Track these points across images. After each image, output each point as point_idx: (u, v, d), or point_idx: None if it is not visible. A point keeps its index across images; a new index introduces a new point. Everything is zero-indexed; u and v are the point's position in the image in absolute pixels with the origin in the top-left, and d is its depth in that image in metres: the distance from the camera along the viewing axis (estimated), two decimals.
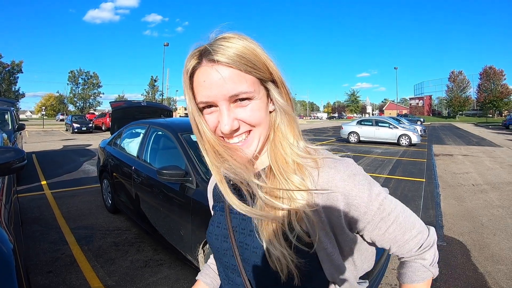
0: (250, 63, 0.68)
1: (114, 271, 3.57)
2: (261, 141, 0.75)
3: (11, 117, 8.86)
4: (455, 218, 5.42)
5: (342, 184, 0.71)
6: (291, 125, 0.77)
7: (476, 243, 4.41)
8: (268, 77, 0.72)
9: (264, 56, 0.71)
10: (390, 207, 0.75)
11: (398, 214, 0.76)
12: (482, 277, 3.53)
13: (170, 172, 3.14)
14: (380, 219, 0.74)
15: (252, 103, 0.71)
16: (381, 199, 0.74)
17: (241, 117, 0.71)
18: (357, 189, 0.71)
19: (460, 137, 24.30)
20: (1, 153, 2.15)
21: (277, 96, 0.75)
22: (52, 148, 15.83)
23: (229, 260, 0.82)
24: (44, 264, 3.70)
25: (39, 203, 6.06)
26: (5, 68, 59.40)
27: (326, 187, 0.71)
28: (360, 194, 0.71)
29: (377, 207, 0.73)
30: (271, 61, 0.72)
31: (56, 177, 8.49)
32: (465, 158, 12.61)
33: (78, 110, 68.61)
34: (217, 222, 0.89)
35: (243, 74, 0.68)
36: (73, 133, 27.54)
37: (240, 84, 0.68)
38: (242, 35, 0.71)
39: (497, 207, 6.03)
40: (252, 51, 0.69)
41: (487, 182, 8.21)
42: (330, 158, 0.76)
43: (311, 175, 0.73)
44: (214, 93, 0.69)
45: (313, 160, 0.75)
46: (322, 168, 0.74)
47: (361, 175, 0.74)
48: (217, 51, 0.67)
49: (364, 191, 0.72)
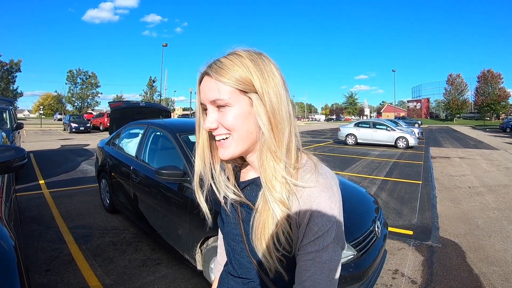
0: (230, 76, 0.80)
1: (112, 270, 3.59)
2: (239, 148, 0.85)
3: (9, 116, 8.85)
4: (451, 220, 5.45)
5: (315, 208, 0.78)
6: (272, 137, 0.82)
7: (472, 244, 4.44)
8: (250, 89, 0.81)
9: (248, 71, 0.80)
10: (324, 255, 0.78)
11: (323, 269, 0.78)
12: (477, 278, 3.56)
13: (169, 172, 3.17)
14: (315, 251, 0.78)
15: (228, 109, 0.82)
16: (327, 244, 0.78)
17: (219, 119, 0.83)
18: (321, 223, 0.77)
19: (457, 140, 24.38)
20: (2, 152, 2.17)
21: (257, 108, 0.81)
22: (50, 147, 15.81)
23: (237, 244, 0.95)
24: (43, 262, 3.71)
25: (37, 202, 6.07)
26: (4, 67, 59.13)
27: (307, 203, 0.78)
28: (319, 227, 0.77)
29: (321, 243, 0.78)
30: (255, 75, 0.80)
31: (54, 177, 8.49)
32: (462, 161, 12.67)
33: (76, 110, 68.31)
34: (227, 210, 1.00)
35: (220, 84, 0.80)
36: (71, 132, 27.48)
37: (218, 92, 0.81)
38: (236, 54, 0.83)
39: (493, 209, 6.07)
40: (235, 67, 0.81)
41: (484, 185, 8.25)
42: (322, 180, 0.81)
43: (292, 198, 0.80)
44: (204, 97, 0.85)
45: (304, 175, 0.82)
46: (308, 188, 0.79)
47: (334, 211, 0.79)
48: (211, 67, 0.83)
49: (324, 227, 0.78)
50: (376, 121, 20.26)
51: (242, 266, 0.94)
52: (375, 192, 7.36)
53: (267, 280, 0.87)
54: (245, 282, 0.94)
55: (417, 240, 4.58)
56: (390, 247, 4.31)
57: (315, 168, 0.83)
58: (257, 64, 0.81)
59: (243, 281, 0.95)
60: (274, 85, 0.82)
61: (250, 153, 0.90)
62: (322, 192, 0.78)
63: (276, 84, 0.82)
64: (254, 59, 0.82)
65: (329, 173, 0.84)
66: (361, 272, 2.49)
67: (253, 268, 0.90)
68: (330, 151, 15.44)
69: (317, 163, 0.85)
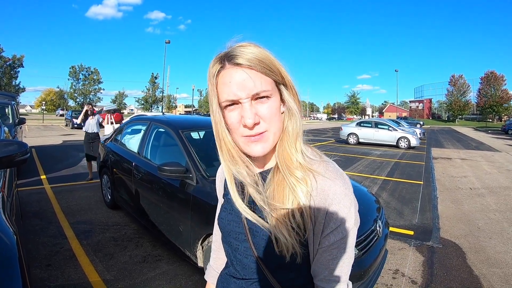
0: (267, 66, 0.78)
1: (113, 265, 3.60)
2: (275, 140, 0.83)
3: (11, 111, 8.86)
4: (451, 221, 5.45)
5: (332, 197, 0.78)
6: (298, 127, 0.85)
7: (472, 246, 4.44)
8: (280, 80, 0.81)
9: (276, 61, 0.80)
10: (348, 240, 0.81)
11: (347, 250, 0.82)
12: (477, 280, 3.56)
13: (171, 169, 3.17)
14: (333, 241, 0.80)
15: (269, 101, 0.79)
16: (349, 230, 0.81)
17: (260, 112, 0.79)
18: (341, 210, 0.79)
19: (459, 141, 24.34)
20: (4, 146, 2.17)
21: (288, 98, 0.83)
22: (51, 143, 15.86)
23: (240, 243, 0.92)
24: (43, 257, 3.72)
25: (39, 197, 6.08)
26: (6, 62, 59.27)
27: (321, 194, 0.79)
28: (339, 215, 0.78)
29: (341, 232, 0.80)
30: (282, 66, 0.81)
31: (55, 172, 8.51)
32: (463, 162, 12.65)
33: (78, 106, 68.47)
34: (229, 209, 0.96)
35: (262, 75, 0.78)
36: (72, 128, 27.47)
37: (261, 83, 0.77)
38: (255, 43, 0.80)
39: (493, 211, 6.07)
40: (267, 56, 0.78)
41: (485, 186, 8.24)
42: (331, 168, 0.83)
43: (310, 178, 0.81)
44: (238, 92, 0.77)
45: (314, 163, 0.83)
46: (321, 176, 0.80)
47: (350, 197, 0.80)
48: (239, 56, 0.77)
49: (344, 214, 0.79)
50: (378, 121, 20.23)
51: (245, 266, 0.91)
52: (377, 192, 7.35)
53: (271, 278, 0.86)
54: (249, 283, 0.92)
55: (417, 240, 4.58)
56: (391, 246, 4.31)
57: (320, 158, 0.85)
58: (273, 55, 0.81)
59: (246, 282, 0.92)
60: (289, 76, 0.83)
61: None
62: (335, 179, 0.79)
63: (289, 75, 0.83)
64: (271, 52, 0.82)
65: (336, 164, 0.85)
66: (362, 271, 2.50)
67: (257, 267, 0.88)
68: (332, 150, 15.41)
69: (321, 154, 0.88)
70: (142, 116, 7.43)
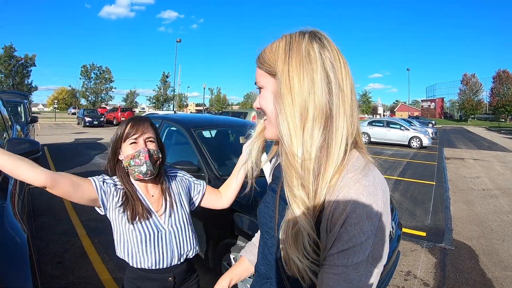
0: (262, 61, 0.83)
1: (123, 264, 3.59)
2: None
3: (24, 109, 8.96)
4: (464, 222, 5.38)
5: (350, 213, 0.68)
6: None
7: (485, 248, 4.38)
8: (274, 70, 0.80)
9: (275, 55, 0.80)
10: (359, 274, 0.68)
11: (357, 286, 0.68)
12: (489, 283, 3.51)
13: (183, 168, 3.16)
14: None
15: (262, 91, 0.85)
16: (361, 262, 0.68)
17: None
18: (357, 233, 0.67)
19: (472, 141, 24.04)
20: (17, 145, 2.20)
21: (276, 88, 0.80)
22: (63, 141, 16.05)
23: (269, 239, 0.92)
24: (54, 255, 3.76)
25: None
26: (19, 62, 60.04)
27: (339, 211, 0.69)
28: (353, 239, 0.67)
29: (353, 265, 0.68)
30: (281, 58, 0.78)
31: (67, 170, 8.56)
32: (476, 162, 12.49)
33: (90, 104, 69.06)
34: (266, 201, 0.97)
35: (258, 69, 0.85)
36: (84, 126, 27.81)
37: (257, 76, 0.85)
38: (274, 44, 0.82)
39: (507, 212, 5.97)
40: (269, 52, 0.82)
41: (498, 187, 8.12)
42: (362, 183, 0.71)
43: (329, 194, 0.72)
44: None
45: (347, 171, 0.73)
46: (344, 191, 0.70)
47: (375, 222, 0.68)
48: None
49: (359, 248, 0.67)
50: (390, 120, 20.09)
51: (268, 262, 0.92)
52: None
53: (287, 283, 0.83)
54: (265, 280, 0.93)
55: (430, 241, 4.53)
56: (403, 248, 4.26)
57: (362, 168, 0.73)
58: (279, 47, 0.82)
59: (264, 278, 0.94)
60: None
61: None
62: (361, 195, 0.68)
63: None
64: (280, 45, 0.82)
65: (378, 178, 0.74)
66: None
67: (277, 267, 0.86)
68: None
69: (367, 164, 0.75)
70: (154, 115, 7.46)
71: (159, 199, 1.59)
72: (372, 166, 0.76)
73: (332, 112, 0.74)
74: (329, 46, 0.77)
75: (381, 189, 0.71)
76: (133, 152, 1.48)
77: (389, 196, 0.75)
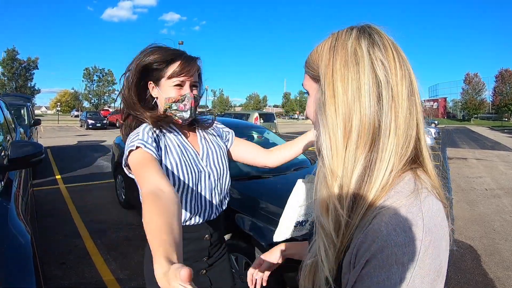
0: (308, 64, 0.73)
1: (126, 264, 3.63)
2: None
3: (27, 112, 9.00)
4: (466, 223, 5.37)
5: (375, 252, 0.54)
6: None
7: (487, 248, 4.37)
8: (317, 75, 0.70)
9: (319, 56, 0.70)
10: None
11: None
12: (492, 283, 3.50)
13: None
14: None
15: (308, 98, 0.77)
16: None
17: None
18: (381, 280, 0.53)
19: (474, 141, 23.96)
20: (20, 147, 2.22)
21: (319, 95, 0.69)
22: (67, 143, 16.08)
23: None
24: (58, 255, 3.78)
25: (54, 197, 6.17)
26: (21, 65, 60.30)
27: (370, 239, 0.55)
28: (376, 285, 0.53)
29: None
30: (325, 59, 0.68)
31: (70, 172, 8.62)
32: (479, 162, 12.45)
33: (92, 107, 69.34)
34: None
35: (305, 74, 0.75)
36: (87, 129, 27.82)
37: (304, 81, 0.76)
38: (321, 44, 0.71)
39: (510, 212, 5.96)
40: (313, 54, 0.72)
41: (501, 187, 8.10)
42: (401, 214, 0.56)
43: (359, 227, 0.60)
44: None
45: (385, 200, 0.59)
46: (376, 222, 0.56)
47: (409, 268, 0.52)
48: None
49: (384, 284, 0.52)
50: None
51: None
52: None
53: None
54: None
55: None
56: None
57: (408, 195, 0.58)
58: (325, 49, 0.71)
59: None
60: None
61: None
62: (392, 232, 0.54)
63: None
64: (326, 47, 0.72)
65: (427, 210, 0.56)
66: None
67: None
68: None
69: (420, 190, 0.59)
70: None
71: (195, 141, 1.47)
72: (425, 194, 0.59)
73: (381, 125, 0.61)
74: (381, 42, 0.64)
75: (424, 226, 0.54)
76: (178, 96, 1.33)
77: (443, 237, 0.57)
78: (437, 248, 0.54)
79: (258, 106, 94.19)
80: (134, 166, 1.13)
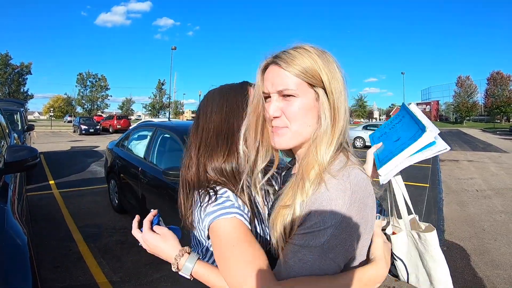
0: (300, 68, 0.82)
1: (119, 267, 3.67)
2: (294, 140, 0.88)
3: (20, 117, 8.99)
4: (456, 223, 5.45)
5: (317, 206, 0.76)
6: (328, 134, 0.83)
7: (477, 248, 4.44)
8: (318, 83, 0.83)
9: (317, 65, 0.83)
10: (312, 257, 0.76)
11: (308, 267, 0.76)
12: (480, 281, 3.56)
13: (176, 173, 3.22)
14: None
15: (294, 99, 0.84)
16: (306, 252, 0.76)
17: (283, 109, 0.85)
18: (318, 221, 0.75)
19: (467, 143, 24.13)
20: (16, 152, 2.26)
21: (323, 102, 0.84)
22: (60, 149, 16.05)
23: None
24: (52, 259, 3.80)
25: (48, 202, 6.18)
26: (14, 70, 59.97)
27: (310, 204, 0.78)
28: (314, 225, 0.75)
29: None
30: (323, 70, 0.83)
31: (64, 177, 8.62)
32: (470, 164, 12.58)
33: (86, 112, 68.93)
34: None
35: (290, 75, 0.83)
36: (80, 134, 27.75)
37: (287, 82, 0.83)
38: (304, 48, 0.86)
39: (499, 212, 6.05)
40: (305, 60, 0.83)
41: (491, 188, 8.21)
42: (334, 182, 0.78)
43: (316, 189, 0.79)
44: (269, 86, 0.87)
45: (331, 173, 0.80)
46: (325, 189, 0.77)
47: (338, 216, 0.75)
48: (280, 57, 0.85)
49: (317, 234, 0.75)
50: None
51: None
52: (382, 196, 7.33)
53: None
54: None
55: None
56: None
57: (339, 169, 0.80)
58: (324, 60, 0.84)
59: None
60: (338, 82, 0.84)
61: (300, 148, 0.92)
62: (329, 192, 0.76)
63: (339, 81, 0.84)
64: (320, 55, 0.84)
65: (353, 178, 0.79)
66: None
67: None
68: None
69: (347, 164, 0.82)
70: (148, 122, 7.51)
71: None
72: (351, 167, 0.81)
73: (346, 116, 0.87)
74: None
75: (351, 188, 0.77)
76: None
77: (367, 196, 0.81)
78: (363, 204, 0.78)
79: None
80: None
